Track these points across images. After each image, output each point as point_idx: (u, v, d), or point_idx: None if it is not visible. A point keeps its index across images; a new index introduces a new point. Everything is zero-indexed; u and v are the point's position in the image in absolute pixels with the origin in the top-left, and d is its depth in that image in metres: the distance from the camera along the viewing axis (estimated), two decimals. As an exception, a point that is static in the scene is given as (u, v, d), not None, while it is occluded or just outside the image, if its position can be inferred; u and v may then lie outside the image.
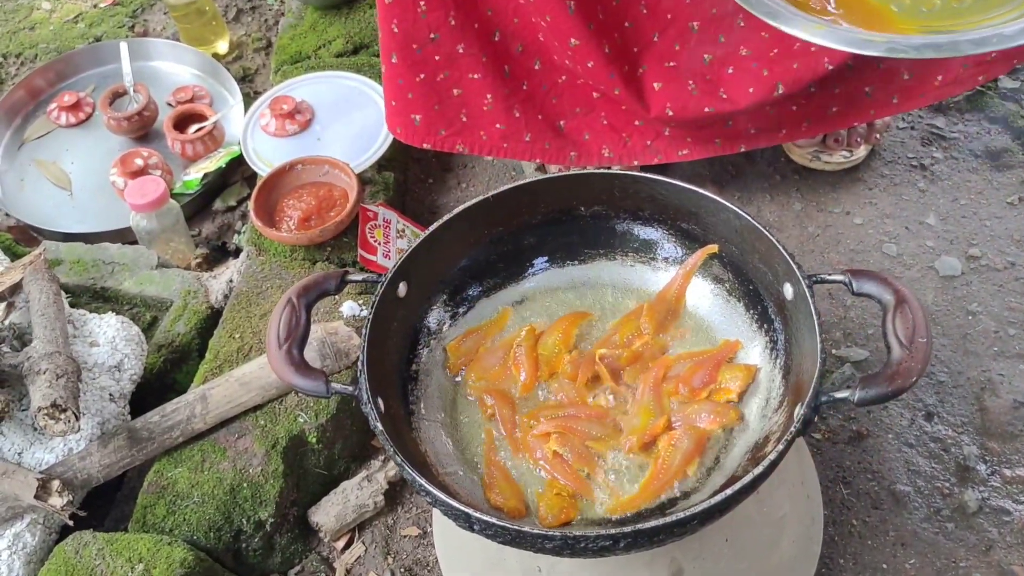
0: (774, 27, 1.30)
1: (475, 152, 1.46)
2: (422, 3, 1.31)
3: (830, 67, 1.28)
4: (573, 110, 1.44)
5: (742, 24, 1.32)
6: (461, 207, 1.07)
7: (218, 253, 1.65)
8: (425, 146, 1.45)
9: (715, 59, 1.34)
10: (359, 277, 1.04)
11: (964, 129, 1.61)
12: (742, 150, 1.45)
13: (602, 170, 1.10)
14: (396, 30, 1.33)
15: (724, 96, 1.34)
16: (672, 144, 1.43)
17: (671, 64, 1.36)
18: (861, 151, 1.58)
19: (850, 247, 1.49)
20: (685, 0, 1.33)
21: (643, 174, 1.08)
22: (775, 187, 1.59)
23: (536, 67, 1.40)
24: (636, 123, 1.42)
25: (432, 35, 1.34)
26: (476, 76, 1.39)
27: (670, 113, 1.36)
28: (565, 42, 1.31)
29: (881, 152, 1.61)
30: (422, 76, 1.38)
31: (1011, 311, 1.40)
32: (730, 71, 1.34)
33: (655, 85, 1.36)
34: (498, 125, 1.43)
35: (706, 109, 1.35)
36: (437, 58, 1.36)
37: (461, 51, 1.36)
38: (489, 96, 1.40)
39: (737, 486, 0.84)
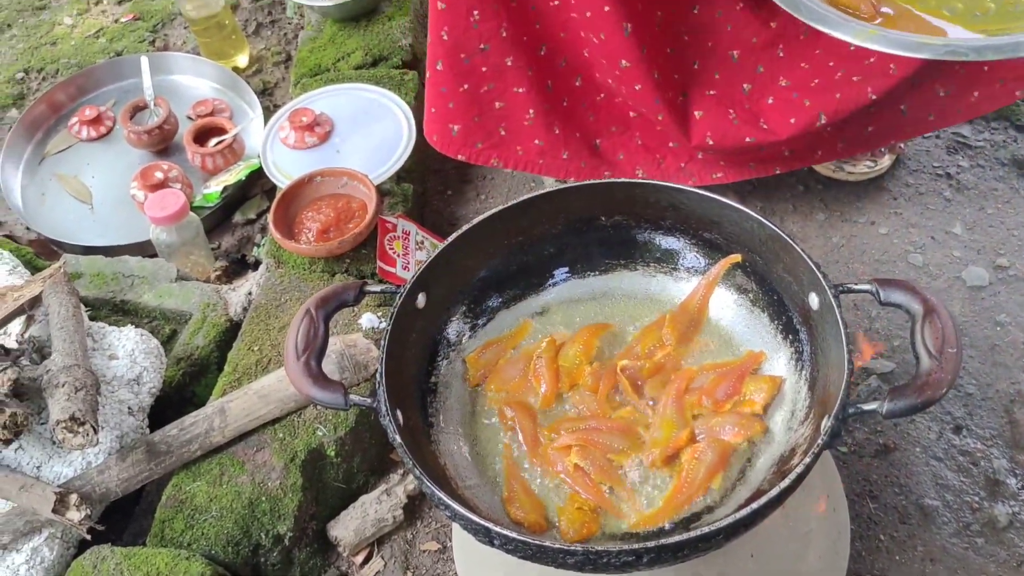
0: (817, 54, 1.29)
1: (509, 167, 1.44)
2: (476, 12, 1.29)
3: (873, 97, 1.26)
4: (609, 129, 1.43)
5: (782, 54, 1.31)
6: (480, 217, 1.06)
7: (238, 266, 1.65)
8: (460, 157, 1.44)
9: (754, 88, 1.32)
10: (377, 288, 1.03)
11: (990, 138, 1.59)
12: (777, 172, 1.43)
13: (623, 179, 1.08)
14: (446, 37, 1.32)
15: (765, 127, 1.32)
16: (706, 167, 1.42)
17: (711, 92, 1.34)
18: (885, 161, 1.56)
19: (875, 257, 1.47)
20: (726, 28, 1.32)
21: (664, 183, 1.07)
22: (798, 197, 1.57)
23: (577, 84, 1.39)
24: (670, 144, 1.41)
25: (483, 45, 1.32)
26: (521, 90, 1.37)
27: (710, 142, 1.34)
28: (615, 62, 1.30)
29: (906, 161, 1.59)
30: (466, 86, 1.37)
31: (1040, 322, 1.38)
32: (770, 101, 1.32)
33: (696, 113, 1.35)
34: (537, 141, 1.41)
35: (747, 139, 1.33)
36: (484, 69, 1.35)
37: (509, 64, 1.35)
38: (531, 111, 1.39)
39: (763, 500, 0.82)
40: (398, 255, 1.45)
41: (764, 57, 1.34)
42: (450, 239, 1.05)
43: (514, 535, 0.83)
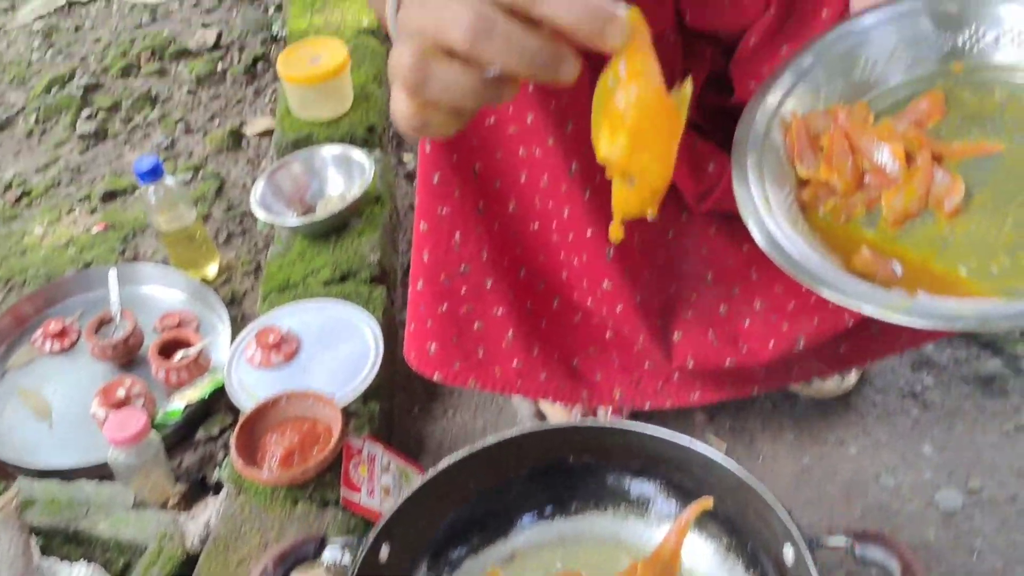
0: (821, 294, 1.32)
1: (487, 389, 1.42)
2: (457, 234, 1.30)
3: (851, 323, 1.28)
4: (587, 349, 1.42)
5: (755, 277, 1.33)
6: (444, 464, 1.04)
7: (198, 488, 1.60)
8: (437, 377, 1.42)
9: (730, 310, 1.33)
10: (340, 541, 1.00)
11: (953, 354, 1.60)
12: (755, 393, 1.43)
13: (589, 422, 1.07)
14: (427, 258, 1.33)
15: (744, 349, 1.33)
16: (684, 387, 1.42)
17: (689, 315, 1.35)
18: (852, 377, 1.56)
19: (846, 479, 1.46)
20: (701, 251, 1.35)
21: (632, 425, 1.06)
22: (767, 415, 1.57)
23: (555, 305, 1.39)
24: (647, 365, 1.41)
25: (463, 267, 1.33)
26: (500, 311, 1.37)
27: (691, 364, 1.34)
28: (597, 284, 1.31)
29: (872, 379, 1.59)
30: (445, 307, 1.37)
31: (1016, 548, 1.35)
32: (747, 323, 1.33)
33: (675, 335, 1.36)
34: (515, 362, 1.40)
35: (727, 362, 1.33)
36: (464, 290, 1.35)
37: (489, 286, 1.35)
38: (510, 332, 1.38)
39: None
40: (363, 480, 1.42)
41: (739, 280, 1.36)
42: (413, 487, 1.03)
43: None
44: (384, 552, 1.00)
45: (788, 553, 0.95)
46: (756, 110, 0.93)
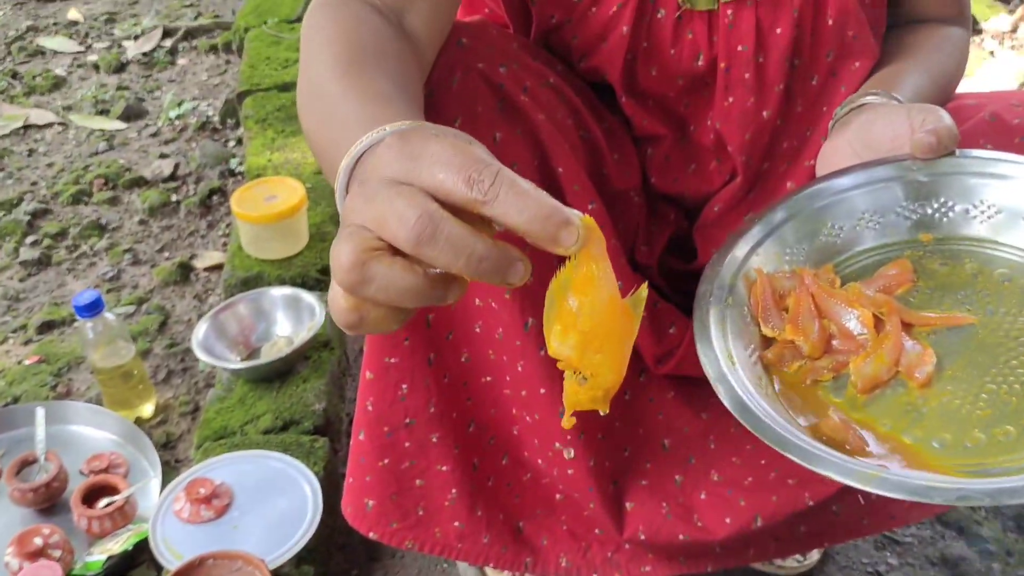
0: (748, 449, 1.26)
1: (424, 551, 1.33)
2: (404, 386, 1.23)
3: (811, 503, 1.22)
4: (534, 512, 1.34)
5: (713, 447, 1.27)
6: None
7: (111, 652, 1.48)
8: (372, 535, 1.33)
9: (686, 481, 1.27)
10: None
11: (917, 533, 1.55)
12: (709, 570, 1.35)
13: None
14: (371, 408, 1.25)
15: (699, 524, 1.26)
16: (634, 559, 1.34)
17: (644, 483, 1.29)
18: (814, 555, 1.50)
19: (809, 670, 1.38)
20: (658, 416, 1.29)
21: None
22: (725, 591, 1.49)
23: (504, 462, 1.32)
24: (597, 531, 1.33)
25: (408, 420, 1.25)
26: (445, 468, 1.29)
27: (642, 537, 1.27)
28: (549, 444, 1.25)
29: (835, 556, 1.53)
30: (386, 461, 1.28)
31: None
32: (703, 496, 1.27)
33: (628, 505, 1.29)
34: (456, 523, 1.32)
35: (680, 536, 1.26)
36: (407, 444, 1.27)
37: (435, 440, 1.27)
38: (454, 491, 1.30)
39: None
40: (291, 653, 1.31)
41: (696, 448, 1.30)
42: None
43: None
44: None
45: None
46: (721, 264, 0.90)
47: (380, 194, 0.63)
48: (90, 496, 1.65)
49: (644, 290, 0.70)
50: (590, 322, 0.65)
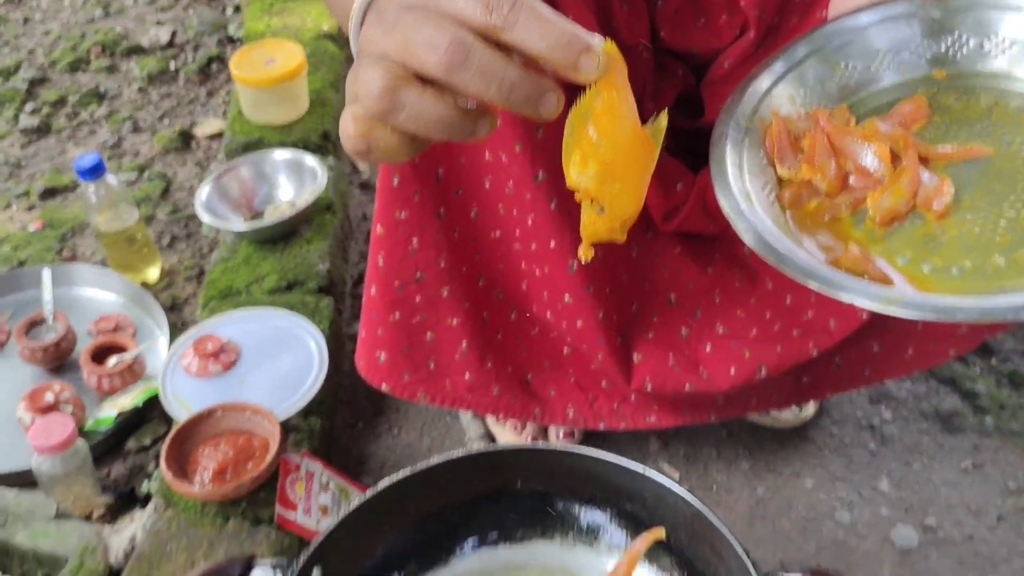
0: (752, 303, 1.27)
1: (436, 403, 1.36)
2: (415, 240, 1.23)
3: (815, 353, 1.24)
4: (541, 364, 1.37)
5: (718, 300, 1.29)
6: (386, 482, 0.98)
7: (124, 500, 1.52)
8: (384, 388, 1.35)
9: (692, 334, 1.29)
10: (269, 563, 0.93)
11: (912, 388, 1.57)
12: (712, 420, 1.38)
13: (539, 445, 1.02)
14: (381, 263, 1.26)
15: (704, 375, 1.28)
16: (639, 410, 1.37)
17: (650, 336, 1.31)
18: (810, 408, 1.53)
19: (802, 514, 1.42)
20: (664, 272, 1.30)
21: (583, 450, 1.00)
22: (723, 443, 1.53)
23: (512, 317, 1.34)
24: (604, 384, 1.36)
25: (418, 274, 1.26)
26: (455, 322, 1.31)
27: (649, 388, 1.30)
28: (558, 297, 1.26)
29: (829, 410, 1.56)
30: (397, 315, 1.30)
31: (973, 589, 1.32)
32: (708, 348, 1.29)
33: (635, 356, 1.31)
34: (467, 375, 1.34)
35: (686, 387, 1.29)
36: (418, 299, 1.29)
37: (445, 295, 1.29)
38: (464, 343, 1.32)
39: None
40: (300, 499, 1.35)
41: (702, 302, 1.31)
42: (350, 508, 0.96)
43: None
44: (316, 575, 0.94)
45: (743, 591, 0.90)
46: (738, 104, 0.89)
47: (402, 20, 0.61)
48: (99, 355, 1.68)
49: (664, 119, 0.69)
50: (610, 151, 0.64)
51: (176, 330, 1.74)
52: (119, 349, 1.69)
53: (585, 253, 0.72)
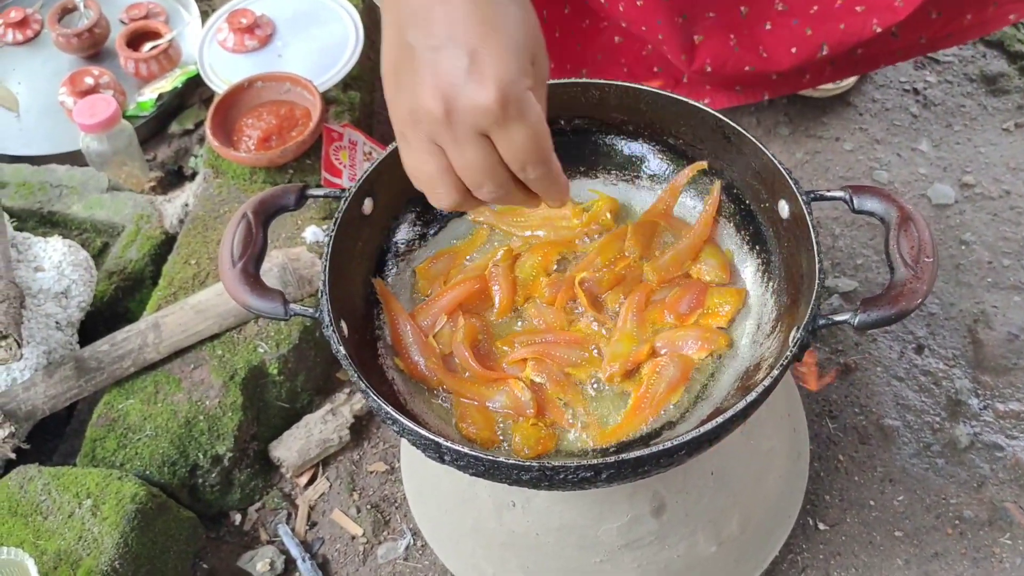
0: None
1: None
2: None
3: (878, 30, 1.19)
4: (595, 57, 1.35)
5: None
6: (432, 119, 0.99)
7: (174, 177, 1.56)
8: None
9: (751, 12, 1.25)
10: (320, 192, 0.96)
11: (959, 52, 1.54)
12: (765, 99, 1.36)
13: (582, 79, 1.01)
14: None
15: (765, 55, 1.25)
16: (692, 92, 1.36)
17: (711, 15, 1.27)
18: (852, 77, 1.50)
19: (839, 174, 1.43)
20: None
21: (627, 83, 1.00)
22: (762, 112, 1.52)
23: (566, 11, 1.31)
24: (655, 70, 1.34)
25: None
26: None
27: (709, 69, 1.28)
28: None
29: (873, 76, 1.53)
30: None
31: (1005, 241, 1.34)
32: (768, 27, 1.25)
33: (696, 37, 1.28)
34: None
35: (747, 68, 1.26)
36: None
37: None
38: None
39: (729, 413, 0.78)
40: (344, 166, 1.38)
41: None
42: (394, 146, 0.98)
43: (466, 450, 0.78)
44: (368, 205, 0.96)
45: (783, 208, 0.92)
46: None
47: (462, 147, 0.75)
48: (133, 42, 1.67)
49: None
50: None
51: (206, 16, 1.71)
52: (153, 35, 1.68)
53: None
